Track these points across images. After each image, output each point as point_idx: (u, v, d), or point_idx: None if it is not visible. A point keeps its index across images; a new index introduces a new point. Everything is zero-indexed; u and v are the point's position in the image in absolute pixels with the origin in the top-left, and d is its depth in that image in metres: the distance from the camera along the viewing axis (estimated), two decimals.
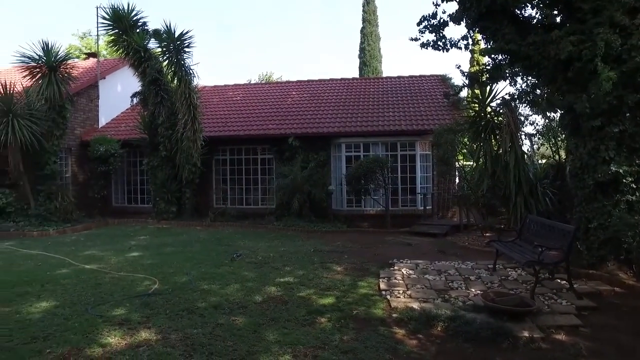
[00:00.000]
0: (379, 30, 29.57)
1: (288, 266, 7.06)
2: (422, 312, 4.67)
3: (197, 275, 6.38)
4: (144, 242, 9.60)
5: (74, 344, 3.92)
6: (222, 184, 14.29)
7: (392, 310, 4.90)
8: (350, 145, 13.21)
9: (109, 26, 13.09)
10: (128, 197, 15.23)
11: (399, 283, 5.96)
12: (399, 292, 5.54)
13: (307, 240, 9.78)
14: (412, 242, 9.66)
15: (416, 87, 16.18)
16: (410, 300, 5.19)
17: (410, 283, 5.96)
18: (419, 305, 4.98)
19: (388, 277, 6.26)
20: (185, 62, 12.91)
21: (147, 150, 13.48)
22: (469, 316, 4.47)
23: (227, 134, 13.85)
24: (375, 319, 4.67)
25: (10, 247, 9.04)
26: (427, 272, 6.59)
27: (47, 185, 12.07)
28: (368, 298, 5.38)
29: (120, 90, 17.18)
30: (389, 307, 5.00)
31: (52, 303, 5.12)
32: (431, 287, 5.76)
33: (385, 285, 5.84)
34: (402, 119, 13.50)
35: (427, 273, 6.51)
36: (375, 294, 5.59)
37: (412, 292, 5.51)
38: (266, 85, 19.82)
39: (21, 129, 11.03)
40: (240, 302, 5.14)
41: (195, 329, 4.28)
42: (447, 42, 8.17)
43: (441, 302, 5.14)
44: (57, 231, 11.16)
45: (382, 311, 4.89)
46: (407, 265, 7.08)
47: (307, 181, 12.06)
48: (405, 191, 12.94)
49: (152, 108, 13.14)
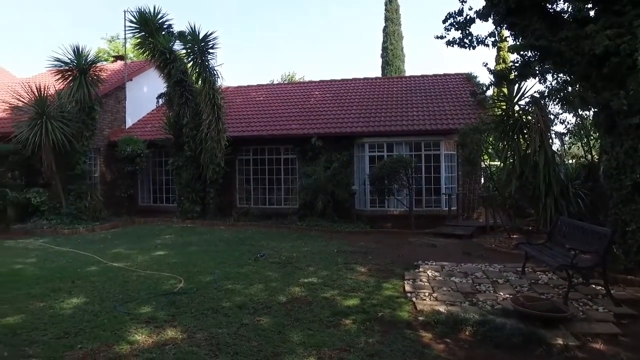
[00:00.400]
0: (401, 29, 29.29)
1: (312, 266, 7.03)
2: (449, 315, 4.55)
3: (221, 275, 6.43)
4: (169, 241, 9.75)
5: (103, 341, 3.99)
6: (246, 183, 14.40)
7: (418, 313, 4.81)
8: (373, 145, 13.09)
9: (136, 29, 13.37)
10: (154, 197, 15.53)
11: (425, 285, 5.85)
12: (425, 294, 5.44)
13: (331, 241, 9.73)
14: (436, 244, 9.50)
15: (440, 86, 15.92)
16: (437, 303, 5.08)
17: (436, 285, 5.84)
18: (446, 308, 4.86)
19: (413, 279, 6.15)
20: (209, 63, 13.06)
21: (172, 150, 13.70)
22: (498, 321, 4.33)
23: (250, 134, 13.95)
24: (401, 321, 4.59)
25: (44, 244, 9.35)
26: (453, 274, 6.45)
27: (78, 185, 12.43)
28: (393, 300, 5.30)
29: (147, 91, 17.56)
30: (414, 310, 4.91)
31: (83, 299, 5.24)
32: (458, 290, 5.62)
33: (410, 288, 5.74)
34: (426, 118, 13.30)
35: (453, 275, 6.37)
36: (400, 296, 5.50)
37: (438, 295, 5.40)
38: (289, 86, 19.88)
39: (54, 131, 11.39)
40: (264, 302, 5.14)
41: (220, 328, 4.29)
42: (473, 39, 8.00)
43: (469, 305, 5.01)
44: (87, 229, 11.46)
45: (407, 314, 4.80)
46: (433, 267, 6.96)
47: (330, 181, 12.02)
48: (430, 191, 12.75)
49: (177, 109, 13.35)
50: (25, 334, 4.18)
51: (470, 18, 7.75)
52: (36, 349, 3.85)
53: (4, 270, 6.93)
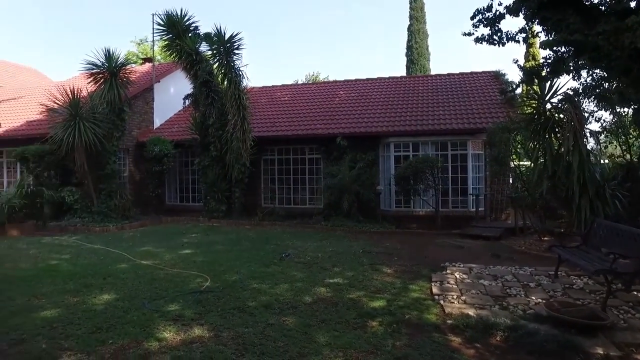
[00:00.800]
0: (426, 27, 28.90)
1: (337, 267, 6.99)
2: (479, 319, 4.43)
3: (246, 274, 6.46)
4: (196, 240, 9.89)
5: (133, 337, 4.06)
6: (271, 183, 14.48)
7: (446, 316, 4.70)
8: (399, 144, 12.94)
9: (164, 32, 13.63)
10: (180, 196, 15.81)
11: (453, 288, 5.72)
12: (453, 297, 5.32)
13: (356, 241, 9.67)
14: (464, 245, 9.30)
15: (467, 85, 15.60)
16: (466, 307, 4.95)
17: (464, 288, 5.71)
18: (475, 312, 4.74)
19: (440, 281, 6.03)
20: (234, 63, 13.19)
21: (198, 150, 13.92)
22: (531, 326, 4.17)
23: (275, 134, 14.02)
24: (429, 324, 4.49)
25: (77, 241, 9.65)
26: (482, 277, 6.29)
27: (108, 184, 12.79)
28: (420, 302, 5.20)
29: (173, 92, 17.91)
30: (442, 313, 4.80)
31: (113, 296, 5.36)
32: (487, 293, 5.47)
33: (437, 290, 5.62)
34: (452, 117, 13.06)
35: (481, 278, 6.21)
36: (427, 298, 5.39)
37: (466, 298, 5.27)
38: (313, 86, 19.89)
39: (86, 131, 11.75)
40: (290, 302, 5.13)
41: (247, 327, 4.30)
42: (503, 36, 7.80)
43: (499, 309, 4.86)
44: (116, 227, 11.77)
45: (435, 317, 4.70)
46: (460, 269, 6.81)
47: (355, 181, 11.94)
48: (456, 192, 12.51)
49: (203, 109, 13.55)
50: (61, 327, 4.31)
51: (500, 14, 7.55)
52: (71, 342, 3.96)
53: (42, 265, 7.20)
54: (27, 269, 6.91)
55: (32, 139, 13.12)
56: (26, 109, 16.81)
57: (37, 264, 7.32)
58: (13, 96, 19.85)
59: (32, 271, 6.77)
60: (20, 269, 6.92)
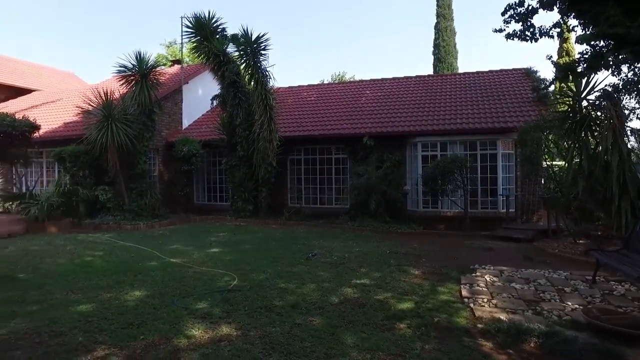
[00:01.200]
0: (454, 25, 28.38)
1: (364, 267, 6.93)
2: (511, 324, 4.28)
3: (273, 274, 6.49)
4: (223, 239, 10.02)
5: (163, 333, 4.13)
6: (297, 183, 14.54)
7: (476, 320, 4.57)
8: (426, 144, 12.74)
9: (192, 34, 13.90)
10: (208, 195, 16.08)
11: (483, 291, 5.56)
12: (483, 300, 5.17)
13: (382, 241, 9.57)
14: (493, 247, 9.05)
15: (497, 83, 15.20)
16: (497, 310, 4.80)
17: (495, 291, 5.54)
18: (507, 316, 4.58)
19: (470, 284, 5.88)
20: (261, 64, 13.30)
21: (226, 150, 14.11)
22: (568, 334, 4.00)
23: (301, 134, 14.06)
24: (458, 328, 4.38)
25: (110, 238, 9.95)
26: (514, 280, 6.10)
27: (139, 183, 13.14)
28: (449, 305, 5.08)
29: (201, 93, 18.24)
30: (472, 317, 4.67)
31: (144, 292, 5.48)
32: (519, 297, 5.29)
33: (467, 293, 5.48)
34: (482, 116, 12.75)
35: (513, 281, 6.02)
36: (456, 301, 5.26)
37: (497, 302, 5.11)
38: (339, 85, 19.84)
39: (118, 132, 12.11)
40: (316, 302, 5.11)
41: (274, 327, 4.31)
42: (535, 31, 7.54)
43: (532, 314, 4.69)
44: (147, 225, 12.07)
45: (465, 320, 4.58)
46: (491, 271, 6.62)
47: (382, 181, 11.83)
48: (486, 192, 12.21)
49: (230, 110, 13.73)
50: (96, 321, 4.44)
51: (533, 8, 7.30)
52: (105, 336, 4.06)
53: (78, 261, 7.46)
54: (64, 265, 7.18)
55: (68, 140, 13.63)
56: (63, 111, 17.50)
57: (73, 259, 7.59)
58: (52, 99, 20.72)
59: (69, 266, 7.03)
60: (58, 264, 7.19)
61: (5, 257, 7.78)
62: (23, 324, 4.39)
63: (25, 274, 6.54)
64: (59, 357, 3.64)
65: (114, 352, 3.74)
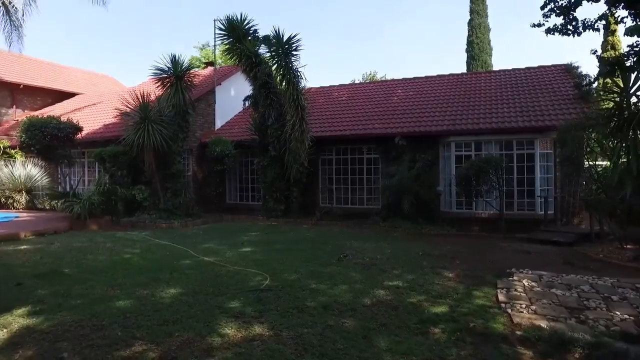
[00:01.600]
0: (488, 21, 27.59)
1: (396, 269, 6.83)
2: (553, 332, 4.09)
3: (305, 274, 6.49)
4: (255, 238, 10.12)
5: (197, 331, 4.19)
6: (328, 183, 14.53)
7: (514, 326, 4.40)
8: (460, 144, 12.45)
9: (225, 36, 14.13)
10: (240, 195, 16.32)
11: (521, 296, 5.35)
12: (522, 306, 4.97)
13: (415, 243, 9.41)
14: (531, 250, 8.72)
15: (535, 80, 14.67)
16: (536, 317, 4.60)
17: (534, 297, 5.32)
18: (548, 324, 4.38)
19: (507, 288, 5.67)
20: (292, 65, 13.37)
21: (258, 150, 14.27)
22: (617, 346, 3.77)
23: (333, 134, 14.04)
24: (496, 334, 4.23)
25: (146, 236, 10.24)
26: (554, 285, 5.84)
27: (173, 183, 13.49)
28: (485, 310, 4.92)
29: (234, 94, 18.54)
30: (510, 323, 4.50)
31: (179, 290, 5.60)
32: (561, 304, 5.05)
33: (504, 297, 5.29)
34: (518, 115, 12.33)
35: (553, 287, 5.76)
36: (493, 305, 5.09)
37: (537, 308, 4.90)
38: (371, 85, 19.69)
39: (154, 133, 12.47)
40: (349, 304, 5.06)
41: (306, 328, 4.30)
42: (579, 24, 7.19)
43: (576, 323, 4.46)
44: (181, 224, 12.37)
45: (502, 326, 4.42)
46: (529, 276, 6.37)
47: (414, 181, 11.66)
48: (522, 194, 11.81)
49: (262, 110, 13.87)
50: (134, 317, 4.56)
51: (576, 0, 6.97)
52: (142, 332, 4.17)
53: (117, 258, 7.72)
54: (104, 261, 7.45)
55: (108, 141, 14.18)
56: (104, 113, 18.23)
57: (112, 256, 7.86)
58: (93, 102, 21.64)
59: (109, 263, 7.29)
60: (99, 261, 7.47)
61: (52, 253, 8.15)
62: (68, 317, 4.58)
63: (70, 269, 6.82)
64: (101, 351, 3.76)
65: (150, 348, 3.83)
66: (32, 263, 7.26)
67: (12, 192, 15.63)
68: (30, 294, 5.41)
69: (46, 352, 3.75)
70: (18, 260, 7.52)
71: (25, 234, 10.08)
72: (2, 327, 4.32)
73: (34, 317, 4.60)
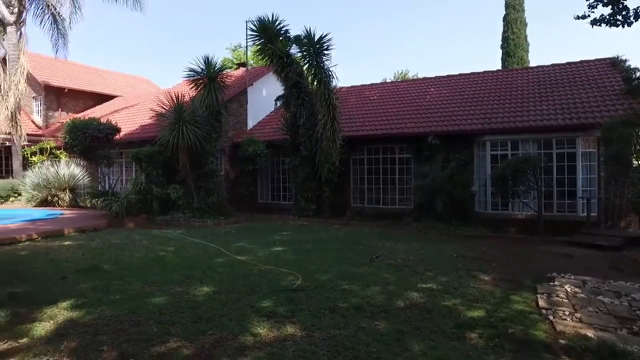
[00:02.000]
0: (525, 16, 26.58)
1: (430, 271, 6.67)
2: (602, 343, 3.85)
3: (337, 274, 6.43)
4: (287, 238, 10.15)
5: (230, 330, 4.21)
6: (360, 183, 14.43)
7: (557, 334, 4.18)
8: (495, 143, 12.06)
9: (256, 36, 14.27)
10: (271, 194, 16.45)
11: (564, 302, 5.09)
12: (565, 313, 4.72)
13: (448, 244, 9.18)
14: (572, 254, 8.31)
15: (576, 75, 14.04)
16: (582, 326, 4.36)
17: (577, 304, 5.05)
18: (595, 333, 4.14)
19: (548, 294, 5.42)
20: (324, 64, 13.34)
21: (289, 150, 14.33)
22: None
23: (364, 134, 13.93)
24: (537, 342, 4.03)
25: (180, 235, 10.47)
26: (600, 292, 5.53)
27: (206, 183, 13.74)
28: (525, 316, 4.71)
29: (265, 94, 18.73)
30: (553, 331, 4.28)
31: (212, 288, 5.66)
32: (609, 313, 4.77)
33: (545, 303, 5.05)
34: (558, 112, 11.82)
35: (599, 294, 5.45)
36: (533, 311, 4.86)
37: (582, 316, 4.64)
38: (403, 83, 19.41)
39: (188, 133, 12.73)
40: (381, 305, 4.97)
41: (338, 329, 4.24)
42: (629, 14, 6.78)
43: (628, 334, 4.18)
44: (214, 223, 12.57)
45: (544, 334, 4.21)
46: (571, 281, 6.07)
47: (447, 181, 11.38)
48: (562, 194, 11.31)
49: (293, 110, 13.91)
50: (169, 314, 4.64)
51: None
52: (177, 329, 4.23)
53: (152, 255, 7.92)
54: (141, 258, 7.65)
55: (144, 141, 14.62)
56: (140, 115, 18.85)
57: (148, 254, 8.07)
58: (130, 104, 22.43)
59: (145, 260, 7.48)
60: (135, 258, 7.68)
61: (92, 249, 8.46)
62: (108, 311, 4.72)
63: (109, 265, 7.05)
64: (138, 346, 3.84)
65: (184, 345, 3.87)
66: (75, 259, 7.56)
67: (58, 190, 16.39)
68: (73, 288, 5.64)
69: (88, 344, 3.88)
70: (63, 255, 7.85)
71: (69, 231, 10.53)
72: (50, 318, 4.53)
73: (76, 310, 4.77)
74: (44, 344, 3.90)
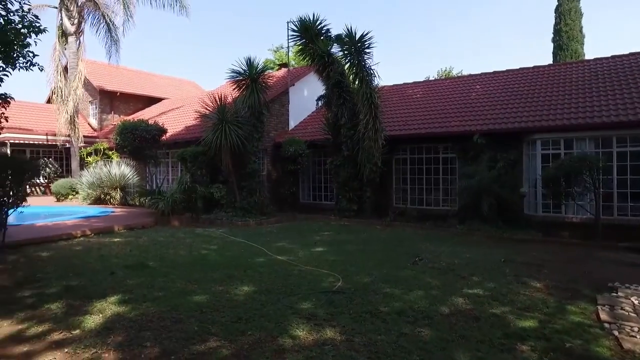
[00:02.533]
0: (580, 6, 24.98)
1: (475, 276, 6.36)
2: None
3: (378, 277, 6.27)
4: (328, 238, 10.07)
5: (269, 331, 4.18)
6: (402, 183, 14.11)
7: (625, 353, 3.79)
8: (547, 141, 11.37)
9: (297, 37, 14.29)
10: (313, 194, 16.45)
11: (630, 316, 4.66)
12: (633, 329, 4.30)
13: (495, 248, 8.75)
14: (638, 262, 7.66)
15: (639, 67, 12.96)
16: None
17: None
18: None
19: (610, 305, 4.99)
20: (365, 63, 13.13)
21: (331, 150, 14.25)
22: None
23: (407, 133, 13.61)
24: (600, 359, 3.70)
25: (223, 234, 10.66)
26: None
27: (249, 182, 13.93)
28: (584, 329, 4.35)
29: (307, 94, 18.77)
30: (619, 348, 3.90)
31: (252, 288, 5.68)
32: None
33: (607, 317, 4.64)
34: (619, 107, 10.97)
35: None
36: (593, 325, 4.49)
37: None
38: (447, 81, 18.81)
39: (231, 134, 12.96)
40: (424, 311, 4.77)
41: (379, 335, 4.10)
42: None
43: None
44: (256, 222, 12.71)
45: (608, 351, 3.84)
46: (638, 292, 5.55)
47: (494, 182, 10.86)
48: (624, 197, 10.47)
49: (335, 109, 13.82)
50: (209, 313, 4.69)
51: None
52: (217, 328, 4.26)
53: (195, 254, 8.10)
54: (184, 256, 7.84)
55: (189, 142, 15.06)
56: (185, 116, 19.46)
57: (191, 252, 8.26)
58: (176, 106, 23.26)
59: (188, 258, 7.66)
60: (179, 255, 7.89)
61: (139, 246, 8.79)
62: (152, 308, 4.85)
63: (154, 262, 7.27)
64: (179, 344, 3.89)
65: (224, 345, 3.88)
66: (123, 255, 7.87)
67: (110, 189, 17.24)
68: (120, 284, 5.85)
69: (132, 339, 3.98)
70: (112, 251, 8.20)
71: (118, 228, 11.01)
72: (99, 312, 4.72)
73: (123, 305, 4.93)
74: (94, 337, 4.05)
